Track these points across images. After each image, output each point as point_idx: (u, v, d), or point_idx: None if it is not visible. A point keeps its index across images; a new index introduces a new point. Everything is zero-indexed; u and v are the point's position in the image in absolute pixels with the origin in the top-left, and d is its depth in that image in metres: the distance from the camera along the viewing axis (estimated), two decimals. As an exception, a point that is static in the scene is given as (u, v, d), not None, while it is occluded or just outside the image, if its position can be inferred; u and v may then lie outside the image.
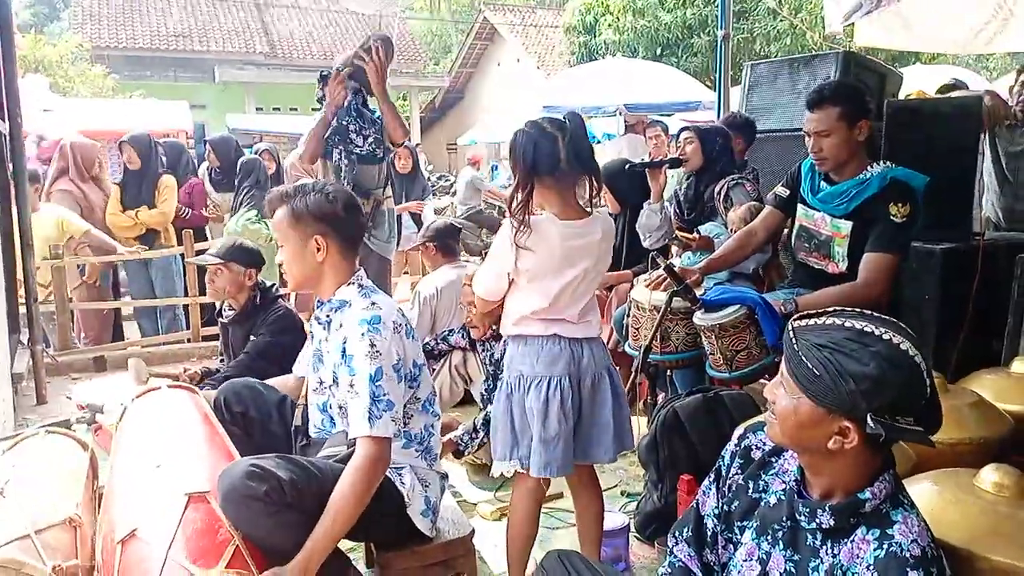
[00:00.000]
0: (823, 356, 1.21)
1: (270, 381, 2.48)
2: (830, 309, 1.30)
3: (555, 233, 1.99)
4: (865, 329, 1.23)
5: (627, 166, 3.76)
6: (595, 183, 2.05)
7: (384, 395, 1.86)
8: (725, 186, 3.58)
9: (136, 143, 5.10)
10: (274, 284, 3.41)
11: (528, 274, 2.01)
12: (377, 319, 1.92)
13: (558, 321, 2.04)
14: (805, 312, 1.33)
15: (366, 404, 1.84)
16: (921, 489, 1.65)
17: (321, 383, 2.11)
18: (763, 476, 1.41)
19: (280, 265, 2.11)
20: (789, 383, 1.26)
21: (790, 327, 1.30)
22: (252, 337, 3.19)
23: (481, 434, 2.93)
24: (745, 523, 1.41)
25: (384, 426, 1.84)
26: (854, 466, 1.25)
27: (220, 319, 3.39)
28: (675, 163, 3.77)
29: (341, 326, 1.99)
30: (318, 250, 2.00)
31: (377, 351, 1.88)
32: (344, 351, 1.94)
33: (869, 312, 1.28)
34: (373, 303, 1.97)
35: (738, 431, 1.51)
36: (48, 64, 12.95)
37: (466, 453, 2.97)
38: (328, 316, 2.06)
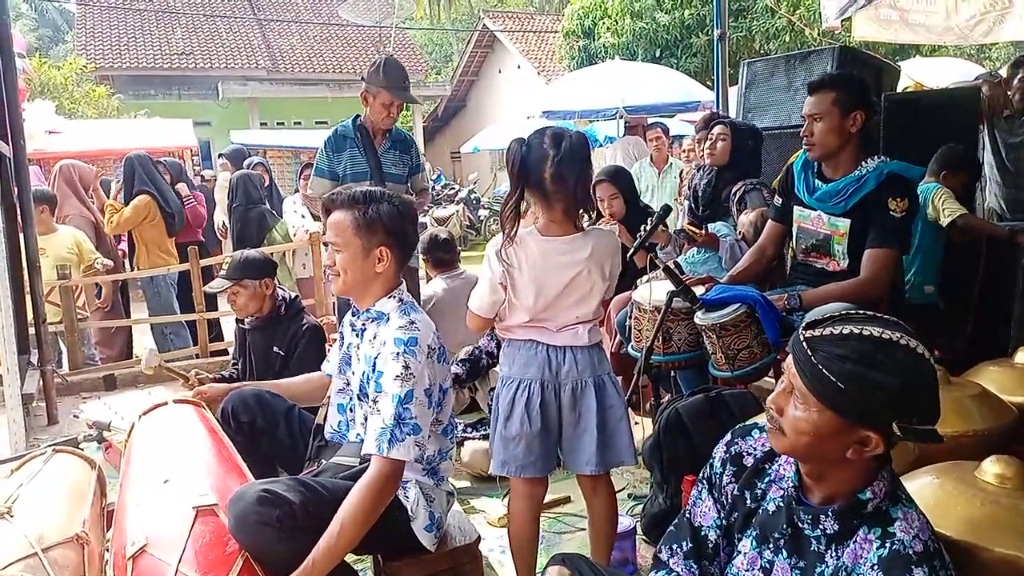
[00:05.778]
0: (847, 368, 1.16)
1: (299, 378, 2.50)
2: (837, 315, 1.24)
3: (535, 248, 1.99)
4: (883, 336, 1.17)
5: (629, 255, 3.29)
6: (582, 204, 2.02)
7: (412, 418, 1.84)
8: (742, 189, 3.56)
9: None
10: (297, 296, 3.45)
11: (512, 288, 2.01)
12: (414, 341, 1.89)
13: (538, 328, 2.05)
14: (812, 321, 1.24)
15: (387, 425, 1.83)
16: (923, 482, 1.64)
17: (348, 385, 2.12)
18: (759, 484, 1.38)
19: (329, 267, 2.04)
20: (806, 396, 1.19)
21: (802, 338, 1.22)
22: (276, 349, 3.23)
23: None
24: (744, 532, 1.38)
25: (405, 449, 1.82)
26: (861, 470, 1.23)
27: (240, 325, 3.42)
28: (664, 214, 2.95)
29: (375, 337, 1.98)
30: (379, 260, 1.97)
31: (410, 373, 1.86)
32: (375, 366, 1.92)
33: (877, 315, 1.24)
34: (412, 322, 1.94)
35: (727, 436, 1.46)
36: (54, 87, 13.06)
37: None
38: (363, 325, 2.05)
